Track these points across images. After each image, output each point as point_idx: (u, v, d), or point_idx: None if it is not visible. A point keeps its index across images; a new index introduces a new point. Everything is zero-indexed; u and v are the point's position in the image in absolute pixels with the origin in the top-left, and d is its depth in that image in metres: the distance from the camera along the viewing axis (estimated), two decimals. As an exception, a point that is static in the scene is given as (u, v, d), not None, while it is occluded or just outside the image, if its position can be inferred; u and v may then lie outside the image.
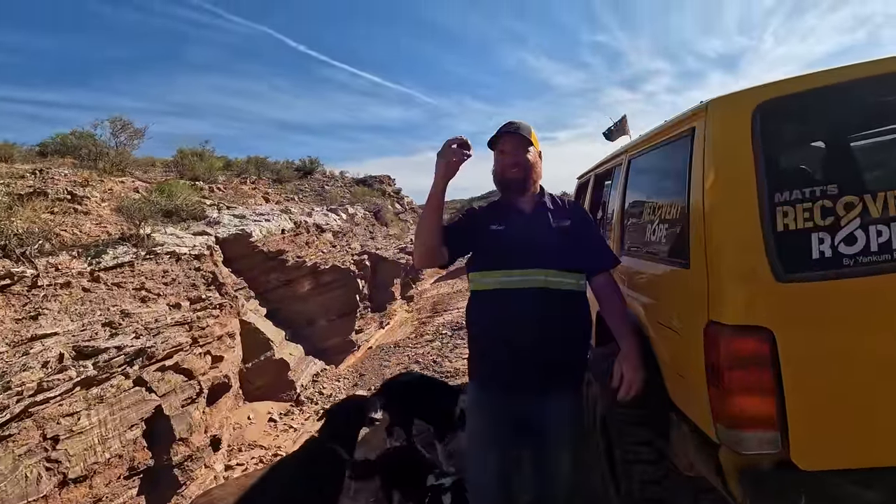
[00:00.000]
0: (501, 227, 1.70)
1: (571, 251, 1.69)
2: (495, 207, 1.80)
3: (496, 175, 1.75)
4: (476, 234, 1.72)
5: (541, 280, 1.62)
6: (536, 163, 1.74)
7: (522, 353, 1.61)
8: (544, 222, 1.72)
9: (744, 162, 1.32)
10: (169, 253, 5.00)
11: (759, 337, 1.23)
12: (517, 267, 1.64)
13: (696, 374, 1.41)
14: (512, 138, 1.70)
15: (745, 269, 1.26)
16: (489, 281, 1.67)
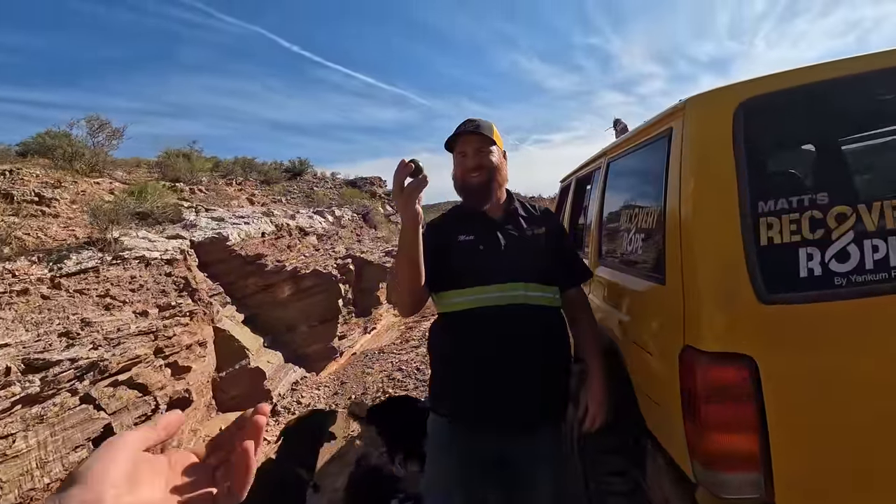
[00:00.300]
0: (471, 238, 1.52)
1: (548, 262, 1.55)
2: (460, 216, 1.61)
3: (456, 180, 1.57)
4: (445, 250, 1.51)
5: (521, 295, 1.46)
6: (501, 164, 1.57)
7: (503, 381, 1.43)
8: (518, 230, 1.56)
9: (724, 166, 1.17)
10: (138, 258, 4.79)
11: (739, 366, 1.08)
12: (494, 281, 1.46)
13: (672, 403, 1.26)
14: (472, 138, 1.52)
15: (725, 288, 1.11)
16: (462, 300, 1.47)
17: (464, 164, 1.53)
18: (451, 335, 1.51)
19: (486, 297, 1.46)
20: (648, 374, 1.44)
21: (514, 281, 1.46)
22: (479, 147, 1.52)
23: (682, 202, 1.25)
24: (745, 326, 1.09)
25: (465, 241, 1.52)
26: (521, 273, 1.48)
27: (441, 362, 1.58)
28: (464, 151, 1.53)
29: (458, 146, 1.55)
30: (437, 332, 1.59)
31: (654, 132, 1.57)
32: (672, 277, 1.29)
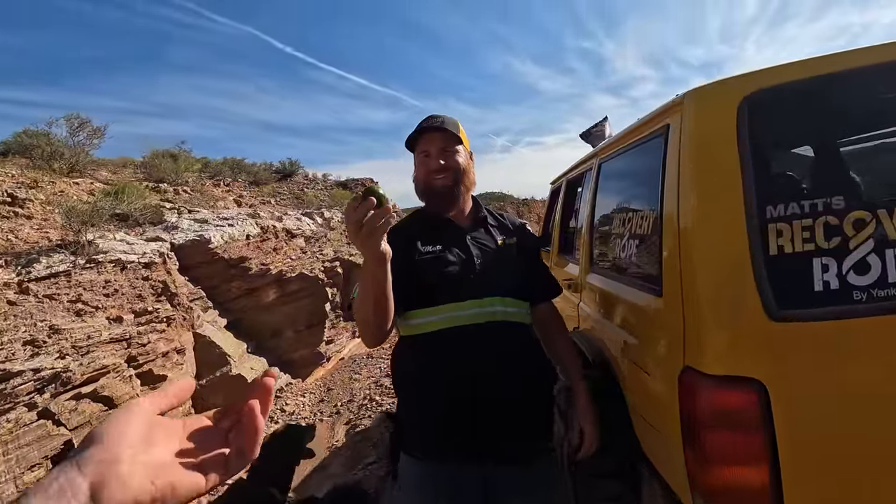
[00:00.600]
0: (437, 249, 1.35)
1: (521, 275, 1.41)
2: (422, 223, 1.43)
3: (418, 183, 1.40)
4: (408, 263, 1.31)
5: (499, 311, 1.32)
6: (468, 167, 1.42)
7: (488, 408, 1.27)
8: (489, 240, 1.43)
9: (727, 166, 1.05)
10: (113, 261, 4.60)
11: (746, 390, 0.96)
12: (468, 297, 1.30)
13: (671, 428, 1.14)
14: (436, 136, 1.36)
15: (730, 303, 0.99)
16: (434, 320, 1.30)
17: (427, 165, 1.37)
18: (422, 361, 1.32)
19: (461, 315, 1.29)
20: (645, 395, 1.32)
21: (490, 295, 1.32)
22: (444, 146, 1.36)
23: (681, 206, 1.13)
24: (753, 346, 0.97)
25: (431, 253, 1.34)
26: (496, 287, 1.34)
27: (412, 394, 1.37)
28: (427, 151, 1.37)
29: (420, 145, 1.39)
30: (403, 360, 1.40)
31: (648, 130, 1.45)
32: (670, 289, 1.16)
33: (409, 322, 1.34)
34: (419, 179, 1.40)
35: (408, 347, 1.37)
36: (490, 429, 1.27)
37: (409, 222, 1.48)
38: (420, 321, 1.32)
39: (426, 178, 1.37)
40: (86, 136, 8.75)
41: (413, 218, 1.51)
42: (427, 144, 1.37)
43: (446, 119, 1.38)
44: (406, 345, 1.38)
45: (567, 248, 2.74)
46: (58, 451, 2.48)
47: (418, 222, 1.45)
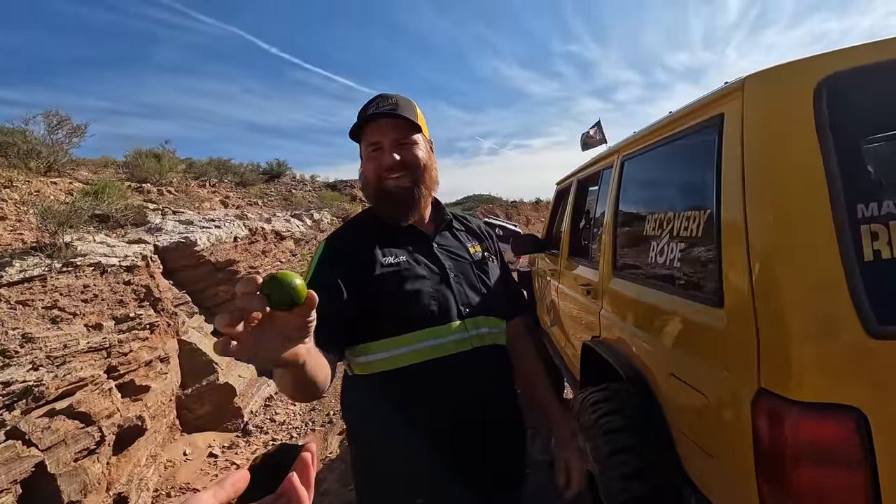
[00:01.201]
0: (402, 259, 1.08)
1: (497, 288, 1.22)
2: (376, 230, 1.13)
3: (368, 184, 1.13)
4: (362, 281, 1.03)
5: (486, 334, 1.11)
6: (430, 161, 1.15)
7: (478, 466, 1.06)
8: (460, 246, 1.20)
9: (806, 160, 0.91)
10: (93, 264, 4.35)
11: (843, 419, 0.82)
12: (447, 319, 1.05)
13: (735, 458, 1.00)
14: (389, 124, 1.08)
15: (820, 317, 0.85)
16: (406, 351, 1.02)
17: (379, 160, 1.09)
18: (396, 407, 1.02)
19: (442, 344, 1.04)
20: (696, 417, 1.17)
21: (474, 315, 1.10)
22: (400, 137, 1.09)
23: (749, 208, 0.99)
24: (850, 368, 0.83)
25: (393, 266, 1.07)
26: (478, 304, 1.12)
27: (367, 447, 1.08)
28: (378, 143, 1.09)
29: (368, 135, 1.10)
30: (365, 407, 1.08)
31: (693, 121, 1.31)
32: (734, 299, 1.02)
33: (368, 357, 1.04)
34: (369, 178, 1.11)
35: (369, 390, 1.06)
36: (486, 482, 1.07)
37: (361, 225, 1.18)
38: (384, 355, 1.02)
39: (378, 177, 1.10)
40: (65, 134, 8.41)
41: (363, 220, 1.20)
42: (378, 135, 1.09)
43: (400, 101, 1.09)
44: (365, 387, 1.06)
45: (580, 251, 2.60)
46: (28, 473, 2.26)
47: (368, 229, 1.14)
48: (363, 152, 1.13)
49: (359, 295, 1.02)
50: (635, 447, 1.46)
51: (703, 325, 1.15)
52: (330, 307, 1.00)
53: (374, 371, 1.03)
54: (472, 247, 1.24)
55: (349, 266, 1.04)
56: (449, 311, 1.06)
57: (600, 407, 1.65)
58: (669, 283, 1.36)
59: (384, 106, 1.08)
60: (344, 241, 1.12)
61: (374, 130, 1.09)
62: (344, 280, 1.02)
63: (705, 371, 1.12)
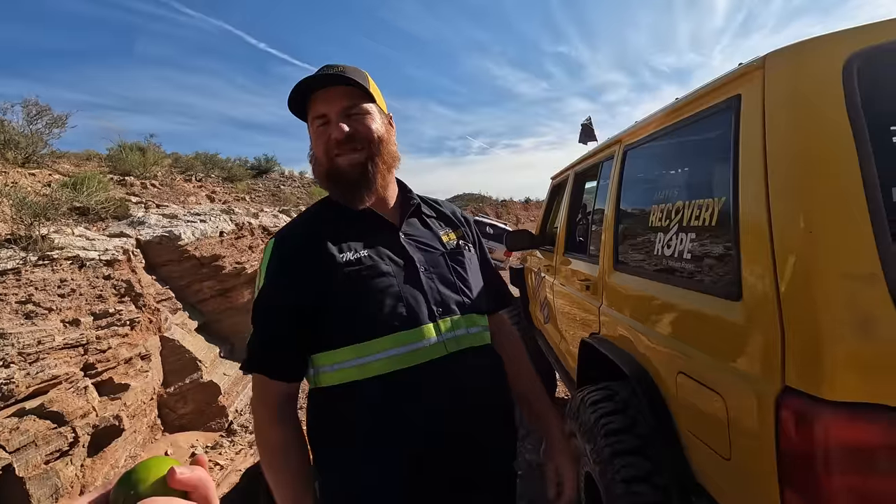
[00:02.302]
0: (363, 255, 0.95)
1: (477, 279, 1.09)
2: (333, 219, 1.00)
3: (318, 162, 0.99)
4: (319, 282, 0.92)
5: (463, 336, 0.98)
6: (388, 134, 1.02)
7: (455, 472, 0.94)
8: (430, 235, 1.06)
9: (836, 141, 0.85)
10: (70, 258, 4.19)
11: (881, 422, 0.75)
12: (418, 321, 0.93)
13: (755, 462, 0.93)
14: (336, 93, 0.95)
15: (854, 311, 0.78)
16: (371, 360, 0.90)
17: (328, 134, 0.95)
18: (368, 422, 0.91)
19: (413, 351, 0.91)
20: (709, 418, 1.10)
21: (448, 315, 0.97)
22: (349, 105, 0.96)
23: (774, 193, 0.92)
24: (889, 364, 0.76)
25: (352, 264, 0.93)
26: (454, 302, 1.00)
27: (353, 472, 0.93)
28: (325, 114, 0.96)
29: (313, 108, 0.97)
30: (332, 424, 0.95)
31: (706, 104, 1.24)
32: (755, 292, 0.95)
33: (331, 367, 0.93)
34: (319, 157, 0.98)
35: (332, 403, 0.94)
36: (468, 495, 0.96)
37: (313, 218, 1.04)
38: (348, 365, 0.91)
39: (328, 156, 0.96)
40: (45, 124, 8.15)
41: (318, 212, 1.05)
42: (323, 105, 0.95)
43: (348, 68, 0.96)
44: (328, 399, 0.95)
45: (577, 246, 2.53)
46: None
47: (326, 218, 1.01)
48: (310, 128, 1.00)
49: (317, 302, 0.91)
50: (639, 449, 1.39)
51: (717, 320, 1.07)
52: (286, 327, 0.93)
53: (341, 381, 0.92)
54: (445, 235, 1.09)
55: (302, 271, 0.93)
56: (419, 313, 0.94)
57: (601, 406, 1.58)
58: (679, 276, 1.30)
59: (330, 72, 0.95)
60: (295, 241, 0.97)
61: (320, 101, 0.96)
62: (298, 290, 0.92)
63: (720, 368, 1.05)
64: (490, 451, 1.00)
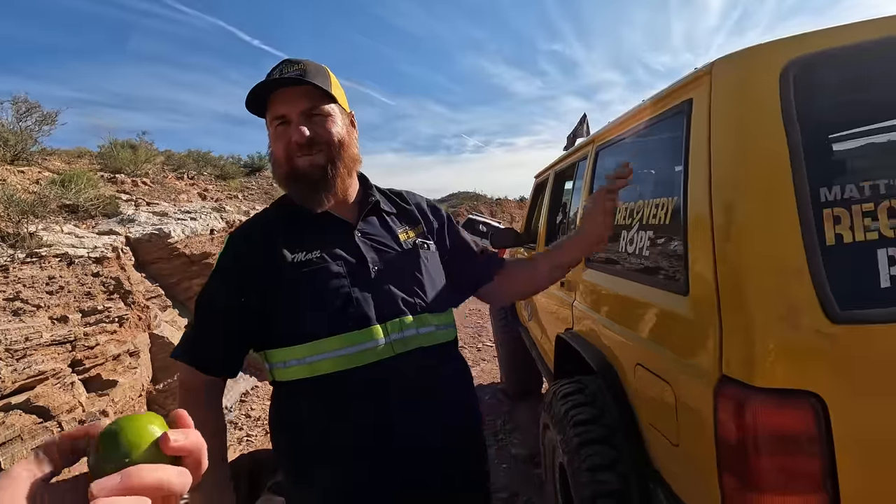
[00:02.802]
0: (315, 255, 0.97)
1: (437, 275, 1.10)
2: (288, 218, 1.03)
3: (278, 163, 0.99)
4: (270, 279, 0.95)
5: (412, 336, 0.99)
6: (348, 136, 1.02)
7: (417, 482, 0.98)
8: (387, 234, 1.07)
9: (772, 143, 0.90)
10: (59, 255, 4.20)
11: (803, 406, 0.81)
12: (365, 322, 0.94)
13: (698, 448, 0.98)
14: (296, 93, 0.96)
15: (783, 302, 0.83)
16: (320, 359, 0.93)
17: (287, 136, 0.96)
18: (319, 419, 0.95)
19: (361, 351, 0.93)
20: (661, 406, 1.16)
21: (398, 315, 0.98)
22: (310, 107, 0.96)
23: (715, 192, 0.98)
24: (811, 353, 0.81)
25: (304, 264, 0.96)
26: (406, 301, 1.00)
27: (296, 466, 0.99)
28: (284, 115, 0.96)
29: (272, 107, 0.97)
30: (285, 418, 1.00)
31: (664, 107, 1.29)
32: (699, 287, 1.00)
33: (283, 364, 0.96)
34: (279, 158, 0.98)
35: (287, 398, 0.98)
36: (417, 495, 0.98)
37: (267, 218, 1.06)
38: (298, 363, 0.94)
39: (287, 156, 0.97)
40: (34, 121, 8.10)
41: (273, 211, 1.08)
42: (283, 106, 0.95)
43: (310, 66, 0.96)
44: (284, 394, 0.99)
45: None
46: (-21, 471, 2.16)
47: (281, 218, 1.03)
48: (270, 127, 0.99)
49: (263, 301, 0.94)
50: (605, 438, 1.44)
51: (669, 314, 1.13)
52: (222, 325, 0.97)
53: (293, 378, 0.95)
54: (404, 233, 1.09)
55: (251, 270, 0.95)
56: (368, 314, 0.95)
57: (571, 399, 1.63)
58: (638, 272, 1.35)
59: (289, 72, 0.94)
60: (248, 239, 1.00)
61: (279, 101, 0.96)
62: (243, 289, 0.95)
63: (670, 359, 1.10)
64: (443, 451, 1.00)
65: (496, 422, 3.71)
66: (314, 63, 0.99)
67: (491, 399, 4.15)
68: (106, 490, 0.32)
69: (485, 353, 5.44)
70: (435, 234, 1.17)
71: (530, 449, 3.18)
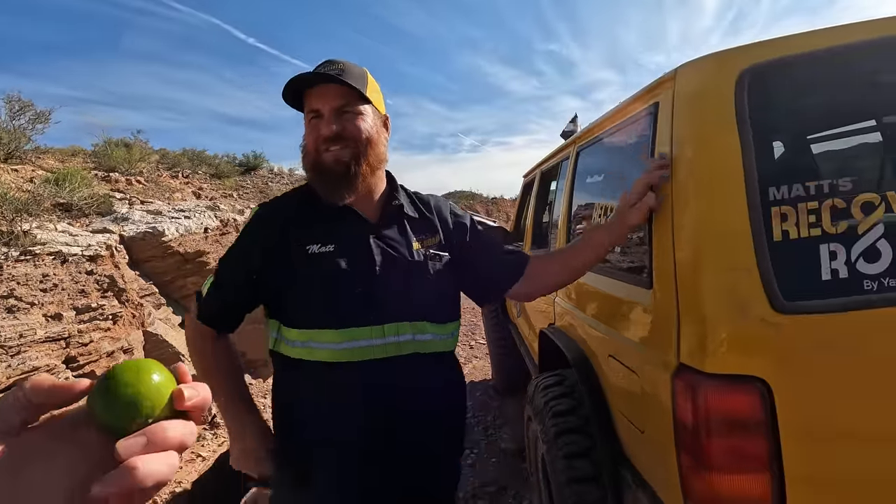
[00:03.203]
0: (330, 249, 1.01)
1: (447, 287, 1.13)
2: (310, 208, 1.06)
3: (306, 155, 1.04)
4: (285, 262, 1.01)
5: (406, 342, 1.02)
6: (378, 136, 1.05)
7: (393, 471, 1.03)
8: (403, 240, 1.08)
9: (726, 145, 0.96)
10: (53, 253, 4.23)
11: (751, 391, 0.86)
12: (364, 321, 0.99)
13: (660, 432, 1.04)
14: (331, 90, 0.99)
15: (733, 294, 0.89)
16: (317, 347, 0.99)
17: (318, 130, 1.00)
18: (306, 398, 1.02)
19: (357, 347, 0.98)
20: (629, 395, 1.22)
21: (396, 320, 1.01)
22: (343, 104, 1.00)
23: (674, 189, 1.03)
24: (759, 341, 0.87)
25: (318, 256, 1.00)
26: (405, 308, 1.03)
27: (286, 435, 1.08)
28: (317, 110, 1.00)
29: (309, 101, 1.02)
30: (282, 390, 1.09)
31: (634, 109, 1.35)
32: (661, 281, 1.06)
33: (290, 342, 1.02)
34: (309, 149, 1.03)
35: (288, 370, 1.05)
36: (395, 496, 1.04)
37: (288, 203, 1.09)
38: (300, 345, 1.00)
39: (317, 150, 1.01)
40: (28, 120, 8.11)
41: (295, 198, 1.10)
42: (317, 101, 1.00)
43: (349, 67, 1.00)
44: (285, 367, 1.05)
45: (541, 242, 2.64)
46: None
47: (303, 206, 1.07)
48: (305, 120, 1.05)
49: (277, 281, 1.01)
50: (581, 428, 1.50)
51: (635, 306, 1.19)
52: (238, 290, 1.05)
53: (295, 356, 1.01)
54: (418, 242, 1.10)
55: (269, 251, 1.02)
56: (368, 313, 0.99)
57: (551, 391, 1.69)
58: (611, 267, 1.41)
59: (331, 69, 0.98)
60: (275, 214, 1.06)
61: (315, 96, 1.01)
62: (259, 267, 1.02)
63: (637, 350, 1.16)
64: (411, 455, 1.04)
65: (486, 417, 3.77)
66: (354, 65, 1.03)
67: (482, 395, 4.21)
68: (133, 450, 0.31)
69: (477, 350, 5.50)
70: (455, 246, 1.16)
71: (519, 443, 3.24)
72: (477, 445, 3.35)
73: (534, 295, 1.24)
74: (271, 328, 1.07)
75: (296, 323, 1.00)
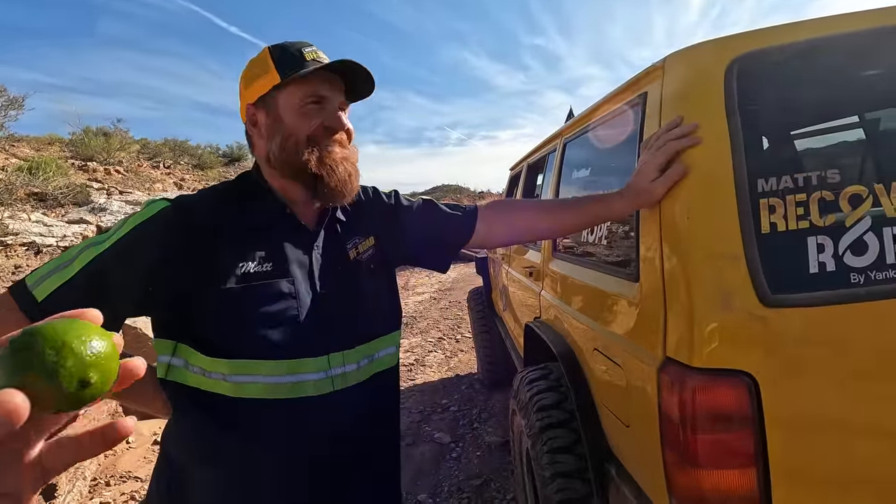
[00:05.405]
0: (267, 269, 0.83)
1: (385, 296, 1.02)
2: (237, 217, 0.86)
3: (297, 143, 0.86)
4: (206, 281, 0.79)
5: (351, 373, 0.89)
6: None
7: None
8: (338, 251, 0.95)
9: (715, 136, 0.94)
10: (26, 244, 4.10)
11: (737, 385, 0.85)
12: (308, 353, 0.84)
13: (645, 427, 1.03)
14: (338, 85, 0.89)
15: (720, 287, 0.88)
16: (252, 382, 0.81)
17: (319, 118, 0.86)
18: (228, 445, 0.83)
19: (299, 382, 0.83)
20: (615, 389, 1.20)
21: (340, 349, 0.88)
22: (344, 102, 0.92)
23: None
24: (746, 335, 0.86)
25: (253, 276, 0.81)
26: (351, 331, 0.91)
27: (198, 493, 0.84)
28: (326, 97, 0.87)
29: (309, 84, 0.85)
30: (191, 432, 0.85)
31: (622, 100, 1.33)
32: (647, 274, 1.05)
33: (206, 374, 0.81)
34: (298, 138, 0.85)
35: (196, 407, 0.82)
36: None
37: (228, 200, 0.88)
38: (222, 378, 0.80)
39: (318, 143, 0.86)
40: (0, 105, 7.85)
41: (237, 193, 0.90)
42: (327, 89, 0.87)
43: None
44: (191, 400, 0.82)
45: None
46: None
47: (230, 210, 0.86)
48: (289, 102, 0.85)
49: (189, 301, 0.79)
50: (566, 422, 1.49)
51: (621, 299, 1.17)
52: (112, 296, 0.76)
53: (211, 390, 0.81)
54: (353, 248, 0.97)
55: (188, 255, 0.78)
56: (312, 344, 0.85)
57: (536, 385, 1.67)
58: (597, 260, 1.39)
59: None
60: (191, 218, 0.82)
61: (322, 82, 0.86)
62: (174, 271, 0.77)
63: (623, 344, 1.15)
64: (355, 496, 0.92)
65: (472, 411, 3.76)
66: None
67: (468, 389, 4.20)
68: None
69: (463, 343, 5.50)
70: (389, 233, 1.04)
71: (504, 437, 3.24)
72: (462, 439, 3.35)
73: (497, 236, 1.12)
74: (162, 350, 0.84)
75: (215, 353, 0.80)
